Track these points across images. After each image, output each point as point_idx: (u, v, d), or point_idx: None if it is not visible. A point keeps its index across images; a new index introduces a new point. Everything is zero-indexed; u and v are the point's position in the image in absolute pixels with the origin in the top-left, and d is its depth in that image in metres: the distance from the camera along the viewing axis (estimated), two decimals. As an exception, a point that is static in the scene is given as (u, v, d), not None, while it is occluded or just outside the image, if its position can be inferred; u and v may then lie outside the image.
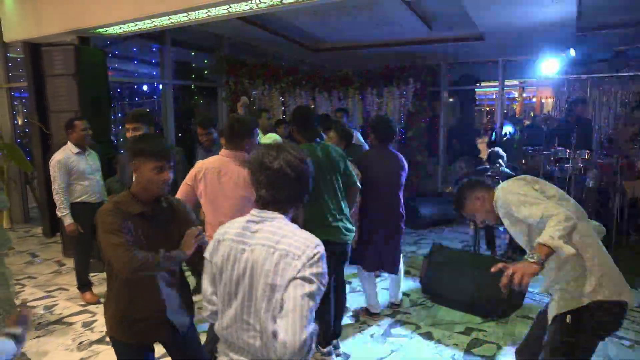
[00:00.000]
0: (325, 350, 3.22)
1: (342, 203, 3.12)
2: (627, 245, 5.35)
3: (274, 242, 1.45)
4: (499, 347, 3.42)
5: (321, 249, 1.45)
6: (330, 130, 3.93)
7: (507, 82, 8.35)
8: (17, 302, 4.19)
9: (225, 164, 2.67)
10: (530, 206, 1.97)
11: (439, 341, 3.54)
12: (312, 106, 8.04)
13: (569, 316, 2.02)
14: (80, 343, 3.55)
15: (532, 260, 1.80)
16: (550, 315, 2.13)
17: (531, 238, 2.07)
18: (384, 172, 3.74)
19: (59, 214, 4.08)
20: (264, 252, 1.44)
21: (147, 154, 1.98)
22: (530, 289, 4.27)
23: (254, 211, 1.54)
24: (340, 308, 3.41)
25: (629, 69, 6.65)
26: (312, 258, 1.40)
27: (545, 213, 1.90)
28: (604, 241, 2.17)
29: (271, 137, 3.81)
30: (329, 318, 3.23)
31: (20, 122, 7.84)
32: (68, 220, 4.05)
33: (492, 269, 1.89)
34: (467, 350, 3.39)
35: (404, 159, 3.84)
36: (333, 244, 2.95)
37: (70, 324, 3.89)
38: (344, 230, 3.06)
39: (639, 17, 6.14)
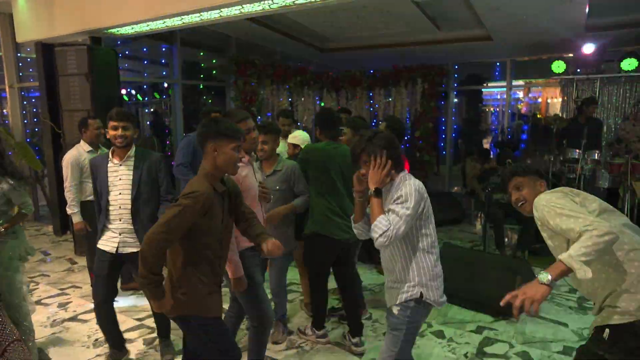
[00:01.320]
0: (354, 340, 3.42)
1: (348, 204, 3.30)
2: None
3: None
4: (511, 346, 3.44)
5: None
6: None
7: (513, 82, 8.34)
8: (33, 298, 4.23)
9: None
10: (568, 219, 1.81)
11: (450, 339, 3.56)
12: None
13: (607, 330, 1.86)
14: (96, 340, 3.59)
15: (542, 282, 1.70)
16: (593, 323, 1.98)
17: None
18: None
19: (69, 211, 4.12)
20: None
21: (229, 133, 2.09)
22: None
23: (405, 171, 2.27)
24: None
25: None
26: None
27: (583, 228, 1.73)
28: None
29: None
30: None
31: (28, 121, 7.89)
32: (77, 219, 4.08)
33: (502, 303, 1.83)
34: (480, 349, 3.42)
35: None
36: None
37: (85, 321, 3.94)
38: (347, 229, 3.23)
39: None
